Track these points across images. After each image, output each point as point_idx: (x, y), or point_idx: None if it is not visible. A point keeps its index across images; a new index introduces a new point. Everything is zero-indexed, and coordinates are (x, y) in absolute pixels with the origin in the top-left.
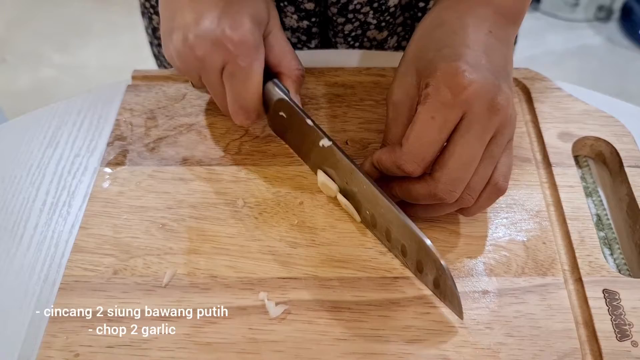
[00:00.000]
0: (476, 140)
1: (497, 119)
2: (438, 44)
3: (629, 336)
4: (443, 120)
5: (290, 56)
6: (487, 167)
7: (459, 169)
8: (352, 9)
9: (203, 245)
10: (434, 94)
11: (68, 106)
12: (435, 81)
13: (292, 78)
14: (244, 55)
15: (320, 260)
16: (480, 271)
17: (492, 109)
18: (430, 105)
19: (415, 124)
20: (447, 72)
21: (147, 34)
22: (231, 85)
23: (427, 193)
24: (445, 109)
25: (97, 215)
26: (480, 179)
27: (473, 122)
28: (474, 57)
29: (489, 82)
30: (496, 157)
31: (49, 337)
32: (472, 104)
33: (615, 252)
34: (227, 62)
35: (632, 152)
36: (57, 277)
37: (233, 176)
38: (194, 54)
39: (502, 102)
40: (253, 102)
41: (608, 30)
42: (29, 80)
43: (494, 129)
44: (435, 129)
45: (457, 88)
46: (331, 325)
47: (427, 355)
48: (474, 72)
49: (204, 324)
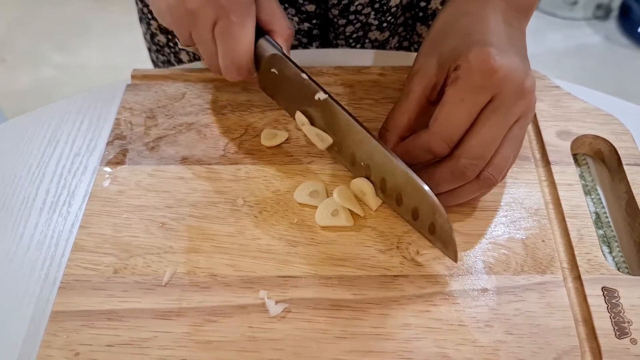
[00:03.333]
0: (501, 121)
1: (524, 102)
2: (463, 30)
3: (628, 334)
4: (472, 102)
5: (281, 15)
6: (509, 147)
7: (481, 146)
8: (354, 10)
9: (203, 244)
10: (465, 76)
11: (68, 105)
12: (467, 64)
13: (284, 36)
14: (237, 10)
15: (320, 259)
16: (480, 269)
17: (520, 92)
18: (460, 87)
19: (445, 105)
20: (478, 56)
21: (145, 40)
22: (223, 41)
23: (449, 172)
24: (475, 92)
25: (97, 214)
26: (503, 158)
27: (500, 104)
28: (501, 43)
29: (518, 67)
30: (518, 139)
31: (49, 336)
32: (502, 87)
33: (614, 250)
34: (220, 17)
35: (631, 150)
36: (57, 276)
37: (233, 175)
38: (186, 7)
39: (529, 86)
40: (245, 57)
41: (607, 28)
42: (29, 80)
43: (519, 112)
44: (464, 110)
45: (488, 72)
46: (331, 324)
47: (427, 353)
48: (504, 57)
49: (204, 322)
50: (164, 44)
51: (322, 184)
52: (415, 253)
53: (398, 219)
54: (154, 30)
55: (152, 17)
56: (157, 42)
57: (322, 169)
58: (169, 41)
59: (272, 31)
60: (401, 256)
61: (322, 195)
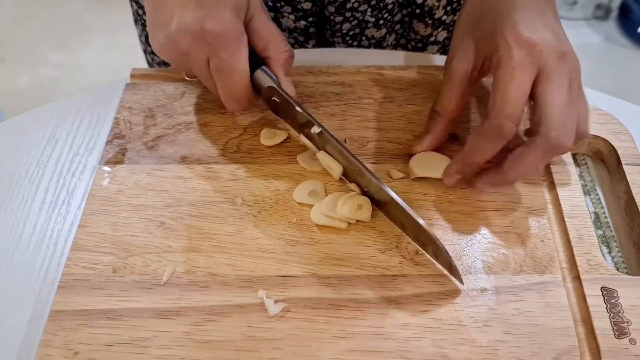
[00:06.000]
0: (559, 87)
1: (568, 65)
2: (494, 11)
3: (627, 334)
4: (522, 77)
5: (278, 39)
6: (573, 110)
7: (559, 114)
8: (350, 7)
9: (202, 244)
10: (507, 56)
11: (67, 105)
12: (505, 44)
13: (281, 62)
14: (225, 47)
15: (319, 259)
16: (479, 269)
17: (562, 57)
18: (506, 67)
19: (498, 87)
20: (514, 35)
21: (141, 41)
22: (218, 77)
23: (542, 153)
24: (521, 67)
25: (96, 213)
26: (572, 121)
27: (550, 73)
28: (530, 19)
29: (552, 37)
30: (577, 100)
31: (48, 335)
32: (544, 57)
33: (614, 250)
34: (210, 55)
35: (630, 150)
36: (57, 275)
37: (232, 174)
38: (178, 48)
39: (568, 50)
40: (241, 91)
41: (606, 28)
42: (28, 80)
43: (568, 75)
44: (516, 86)
45: (527, 46)
46: (330, 323)
47: (426, 353)
48: (537, 31)
49: (203, 321)
50: None
51: (321, 183)
52: (415, 253)
53: None
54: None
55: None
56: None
57: (321, 169)
58: None
59: (268, 58)
60: (400, 256)
61: (321, 195)
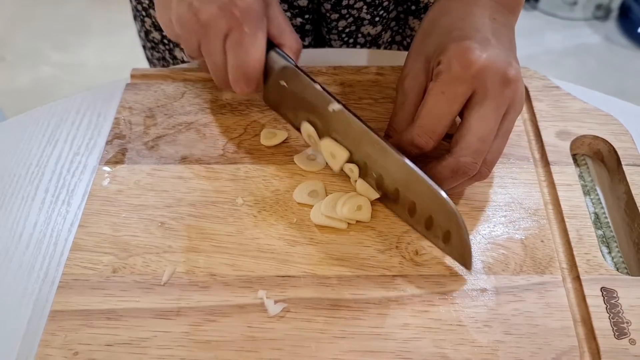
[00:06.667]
0: (491, 113)
1: (510, 92)
2: (446, 29)
3: (627, 334)
4: (453, 94)
5: (290, 29)
6: (501, 141)
7: (477, 141)
8: (346, 5)
9: (202, 244)
10: (445, 70)
11: (67, 105)
12: (446, 59)
13: (293, 50)
14: (250, 21)
15: (319, 259)
16: (479, 269)
17: (504, 82)
18: (441, 81)
19: (427, 100)
20: (457, 50)
21: (140, 37)
22: (234, 52)
23: (450, 170)
24: (455, 83)
25: (96, 213)
26: (496, 153)
27: (486, 96)
28: (482, 37)
29: (499, 57)
30: (508, 133)
31: (47, 335)
32: (483, 78)
33: (613, 251)
34: (232, 29)
35: (630, 150)
36: (56, 275)
37: (232, 174)
38: (198, 18)
39: (513, 75)
40: (256, 69)
41: (606, 29)
42: (28, 79)
43: (507, 102)
44: (445, 102)
45: (466, 63)
46: (330, 324)
47: (426, 353)
48: (484, 49)
49: (203, 322)
50: (159, 40)
51: (321, 183)
52: (415, 253)
53: (397, 219)
54: (148, 28)
55: (146, 14)
56: (151, 39)
57: (321, 169)
58: (164, 38)
59: (281, 44)
60: (400, 256)
61: (321, 195)
